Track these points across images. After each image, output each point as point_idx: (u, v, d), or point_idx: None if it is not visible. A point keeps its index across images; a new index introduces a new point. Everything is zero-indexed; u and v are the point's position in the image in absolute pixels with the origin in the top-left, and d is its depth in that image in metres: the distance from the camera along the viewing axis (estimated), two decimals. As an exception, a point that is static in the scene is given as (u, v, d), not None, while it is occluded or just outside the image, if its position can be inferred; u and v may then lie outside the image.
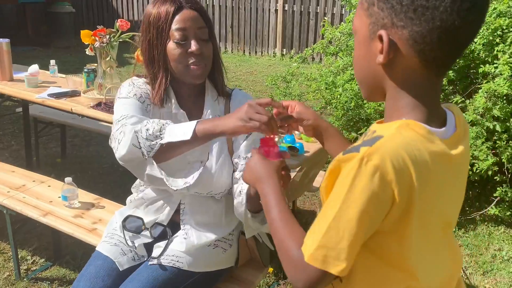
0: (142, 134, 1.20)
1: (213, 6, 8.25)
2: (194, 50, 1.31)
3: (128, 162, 1.27)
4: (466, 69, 3.12)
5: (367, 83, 0.82)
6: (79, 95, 2.55)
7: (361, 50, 0.79)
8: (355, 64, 0.83)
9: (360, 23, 0.78)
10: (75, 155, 3.86)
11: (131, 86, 1.40)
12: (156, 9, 1.33)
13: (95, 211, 2.10)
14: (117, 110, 1.33)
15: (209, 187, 1.42)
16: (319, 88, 3.66)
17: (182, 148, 1.22)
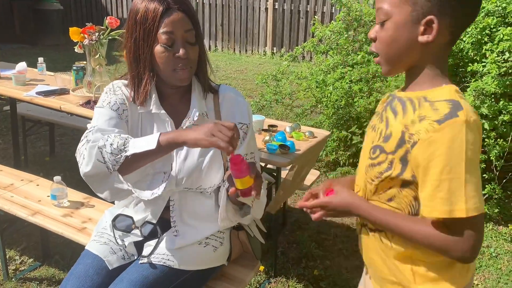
0: (107, 149, 1.25)
1: (203, 4, 8.23)
2: (181, 55, 1.31)
3: (92, 177, 1.30)
4: (455, 67, 3.15)
5: (399, 59, 0.98)
6: (68, 93, 2.52)
7: (399, 30, 0.95)
8: (388, 42, 0.97)
9: (398, 10, 0.94)
10: (64, 154, 3.82)
11: (108, 93, 1.42)
12: (143, 6, 1.31)
13: (84, 210, 2.08)
14: (92, 120, 1.39)
15: (199, 181, 1.41)
16: (310, 87, 3.67)
17: (146, 159, 1.27)
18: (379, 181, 1.00)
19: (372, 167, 1.01)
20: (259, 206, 1.42)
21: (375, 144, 1.01)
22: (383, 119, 1.03)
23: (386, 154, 0.98)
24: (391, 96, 1.08)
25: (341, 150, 3.56)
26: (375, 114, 1.13)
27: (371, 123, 1.10)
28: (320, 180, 3.49)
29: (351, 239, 2.79)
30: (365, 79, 3.30)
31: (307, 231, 2.84)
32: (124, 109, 1.39)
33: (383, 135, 1.00)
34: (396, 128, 0.97)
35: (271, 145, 2.02)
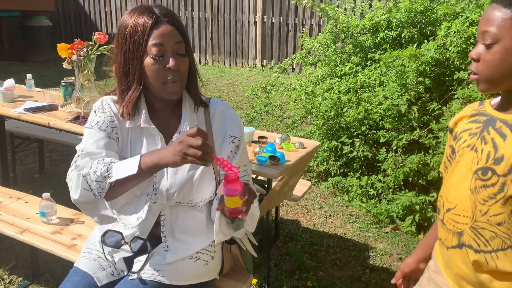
0: (91, 177, 1.26)
1: (192, 18, 8.28)
2: (172, 66, 1.30)
3: (81, 204, 1.31)
4: (442, 76, 3.20)
5: (502, 80, 1.02)
6: (56, 109, 2.51)
7: (507, 55, 0.99)
8: (493, 65, 1.01)
9: (508, 35, 0.98)
10: (54, 170, 3.79)
11: (97, 111, 1.41)
12: (132, 21, 1.31)
13: (74, 227, 2.06)
14: (82, 141, 1.40)
15: (190, 195, 1.40)
16: (299, 98, 3.69)
17: (131, 183, 1.27)
18: (493, 202, 1.03)
19: (485, 188, 1.04)
20: (252, 219, 1.41)
21: (485, 166, 1.04)
22: (487, 140, 1.06)
23: (498, 176, 1.01)
24: (484, 116, 1.11)
25: (331, 160, 3.57)
26: (459, 130, 1.16)
27: (463, 142, 1.13)
28: (311, 191, 3.50)
29: (343, 249, 2.79)
30: (353, 89, 3.33)
31: (299, 242, 2.84)
32: (114, 127, 1.38)
33: (492, 157, 1.03)
34: (508, 151, 1.00)
35: (261, 157, 2.02)
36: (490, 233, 1.06)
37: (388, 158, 3.06)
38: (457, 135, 1.17)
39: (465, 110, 1.21)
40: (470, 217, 1.09)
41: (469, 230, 1.09)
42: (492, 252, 1.06)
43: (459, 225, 1.12)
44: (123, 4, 8.73)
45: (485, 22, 1.01)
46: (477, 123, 1.12)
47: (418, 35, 3.39)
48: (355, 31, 3.70)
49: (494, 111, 1.09)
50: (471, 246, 1.10)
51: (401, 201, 2.92)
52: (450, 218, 1.14)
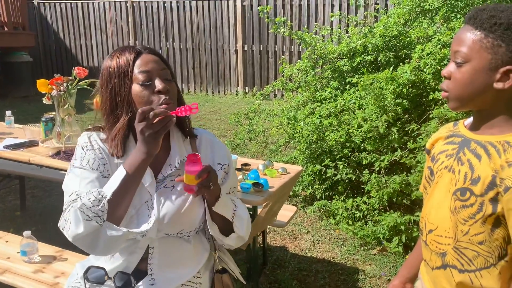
0: (87, 206, 1.22)
1: (173, 49, 8.38)
2: (161, 89, 1.30)
3: (85, 237, 1.25)
4: (419, 97, 3.28)
5: (470, 98, 1.05)
6: (37, 145, 2.49)
7: (476, 75, 1.02)
8: (462, 84, 1.04)
9: (478, 55, 1.01)
10: (36, 207, 3.72)
11: (85, 148, 1.38)
12: (115, 60, 1.33)
13: (57, 264, 2.02)
14: (69, 183, 1.35)
15: (181, 226, 1.39)
16: (282, 123, 3.73)
17: (126, 192, 1.26)
18: (472, 222, 1.05)
19: (465, 208, 1.06)
20: (240, 222, 1.41)
21: (463, 186, 1.06)
22: (463, 161, 1.08)
23: (476, 196, 1.03)
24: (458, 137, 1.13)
25: (316, 184, 3.58)
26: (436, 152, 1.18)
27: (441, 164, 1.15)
28: (298, 216, 3.49)
29: (332, 274, 2.77)
30: (334, 113, 3.39)
31: (288, 269, 2.81)
32: (105, 164, 1.36)
33: (469, 178, 1.05)
34: (484, 172, 1.02)
35: (244, 184, 2.03)
36: (473, 253, 1.07)
37: (372, 179, 3.09)
38: (435, 157, 1.19)
39: (440, 131, 1.23)
40: (452, 237, 1.10)
41: (452, 250, 1.10)
42: (476, 271, 1.07)
43: (442, 245, 1.13)
44: (104, 37, 8.81)
45: (457, 42, 1.04)
46: (453, 144, 1.14)
47: (394, 58, 3.49)
48: (332, 57, 3.79)
49: (468, 132, 1.12)
50: (455, 266, 1.10)
51: (387, 222, 2.93)
52: (432, 240, 1.15)
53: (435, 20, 3.42)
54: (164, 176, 1.40)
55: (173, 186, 1.40)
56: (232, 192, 1.50)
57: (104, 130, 1.41)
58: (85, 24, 8.88)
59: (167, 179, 1.40)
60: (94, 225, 1.22)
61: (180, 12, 8.15)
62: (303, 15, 7.34)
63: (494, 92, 1.02)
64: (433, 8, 3.51)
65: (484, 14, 1.00)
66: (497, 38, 0.98)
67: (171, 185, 1.40)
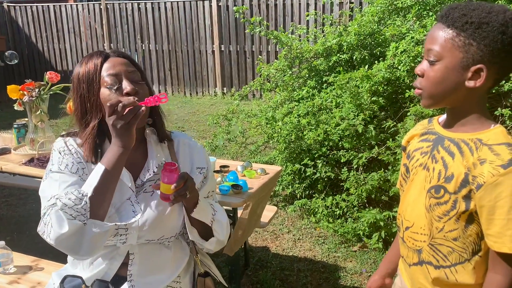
0: (69, 205, 1.19)
1: (149, 50, 8.29)
2: (130, 90, 1.28)
3: (69, 238, 1.21)
4: (394, 95, 3.32)
5: (442, 96, 1.05)
6: (9, 152, 2.43)
7: (448, 73, 1.02)
8: (435, 82, 1.04)
9: (449, 54, 1.01)
10: (11, 216, 3.62)
11: (63, 153, 1.35)
12: (84, 66, 1.33)
13: (33, 275, 1.97)
14: (47, 189, 1.31)
15: (161, 232, 1.38)
16: (260, 124, 3.73)
17: (107, 187, 1.24)
18: (447, 219, 1.06)
19: (439, 206, 1.07)
20: (220, 227, 1.41)
21: (437, 184, 1.07)
22: (437, 159, 1.09)
23: (449, 194, 1.05)
24: (433, 134, 1.14)
25: (296, 183, 3.60)
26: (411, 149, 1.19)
27: (416, 161, 1.15)
28: (279, 215, 3.50)
29: (314, 272, 2.78)
30: (312, 112, 3.40)
31: (270, 269, 2.81)
32: (83, 168, 1.34)
33: (443, 175, 1.06)
34: (457, 169, 1.04)
35: (223, 186, 2.02)
36: (447, 249, 1.09)
37: (350, 177, 3.12)
38: (410, 154, 1.20)
39: (415, 128, 1.24)
40: (428, 234, 1.11)
41: (427, 247, 1.12)
42: (451, 267, 1.09)
43: (418, 242, 1.14)
44: (78, 40, 8.65)
45: (430, 40, 1.05)
46: (427, 142, 1.15)
47: (369, 56, 3.53)
48: (308, 56, 3.81)
49: (441, 129, 1.13)
50: (430, 262, 1.12)
51: (366, 219, 2.96)
52: (409, 236, 1.17)
53: (408, 17, 3.48)
54: (143, 181, 1.38)
55: (153, 191, 1.38)
56: (211, 196, 1.49)
57: (78, 135, 1.39)
58: (58, 28, 8.70)
59: (146, 184, 1.39)
60: (78, 224, 1.19)
61: (155, 13, 8.07)
62: (279, 15, 7.36)
63: (465, 90, 1.03)
64: (406, 6, 3.56)
65: (456, 12, 1.01)
66: (469, 37, 0.99)
67: (151, 190, 1.38)
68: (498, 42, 0.97)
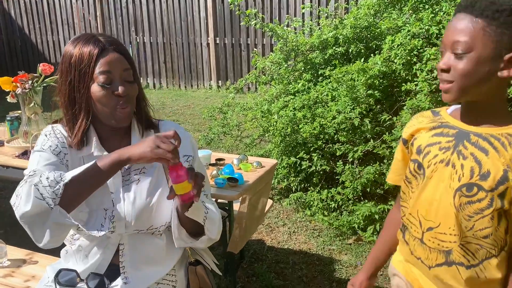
0: (43, 184, 1.15)
1: (144, 43, 8.22)
2: (121, 93, 1.29)
3: (31, 217, 1.17)
4: (390, 88, 3.32)
5: (473, 90, 1.02)
6: (2, 145, 2.40)
7: (480, 64, 0.99)
8: (467, 74, 1.00)
9: (481, 44, 0.98)
10: (4, 209, 3.59)
11: (48, 135, 1.36)
12: (77, 50, 1.30)
13: (27, 268, 1.95)
14: (29, 164, 1.32)
15: (150, 221, 1.37)
16: (256, 117, 3.71)
17: (87, 186, 1.20)
18: (479, 217, 1.03)
19: (471, 204, 1.03)
20: (212, 224, 1.36)
21: (469, 181, 1.03)
22: (466, 155, 1.04)
23: (485, 192, 1.01)
24: (451, 128, 1.09)
25: (292, 176, 3.59)
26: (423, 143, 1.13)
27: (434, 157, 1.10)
28: (274, 209, 3.50)
29: (309, 265, 2.79)
30: (307, 105, 3.39)
31: (265, 262, 2.82)
32: (66, 153, 1.34)
33: (477, 173, 1.02)
34: (494, 166, 1.00)
35: (219, 179, 2.01)
36: (475, 246, 1.06)
37: (346, 170, 3.12)
38: (422, 149, 1.13)
39: (419, 121, 1.18)
40: (458, 234, 1.07)
41: (458, 247, 1.08)
42: (479, 264, 1.06)
43: (446, 243, 1.09)
44: (72, 32, 8.56)
45: (456, 31, 1.00)
46: (446, 137, 1.09)
47: (365, 49, 3.52)
48: (304, 49, 3.79)
49: (460, 123, 1.08)
50: (462, 263, 1.08)
51: (361, 212, 2.97)
52: (432, 237, 1.11)
53: (404, 11, 3.46)
54: (128, 168, 1.37)
55: (139, 180, 1.38)
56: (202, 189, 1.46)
57: (63, 121, 1.38)
58: (51, 19, 8.60)
59: (131, 173, 1.38)
60: (44, 205, 1.14)
61: (149, 5, 7.99)
62: (275, 8, 7.32)
63: (497, 81, 1.01)
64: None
65: (484, 1, 0.98)
66: (500, 25, 0.96)
67: (137, 179, 1.38)
68: None
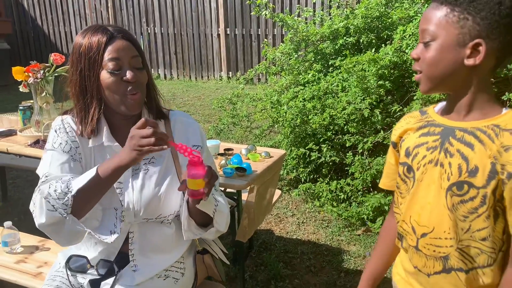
0: (52, 196, 1.22)
1: (155, 34, 8.24)
2: (130, 79, 1.30)
3: (48, 227, 1.27)
4: (401, 78, 3.29)
5: (441, 79, 0.99)
6: (15, 134, 2.44)
7: (444, 52, 0.97)
8: (432, 63, 0.98)
9: (444, 32, 0.96)
10: (18, 197, 3.66)
11: (58, 131, 1.38)
12: (86, 40, 1.31)
13: (39, 254, 2.00)
14: (41, 165, 1.36)
15: (158, 210, 1.39)
16: (265, 108, 3.71)
17: (94, 193, 1.25)
18: (474, 217, 0.98)
19: (464, 204, 0.98)
20: (221, 217, 1.37)
21: (458, 180, 0.98)
22: (453, 152, 0.99)
23: (477, 189, 0.96)
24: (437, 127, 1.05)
25: (301, 167, 3.60)
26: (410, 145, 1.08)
27: (422, 158, 1.05)
28: (283, 199, 3.51)
29: (317, 255, 2.80)
30: (317, 96, 3.38)
31: (274, 251, 2.83)
32: (77, 147, 1.36)
33: (464, 170, 0.97)
34: (481, 161, 0.95)
35: (227, 169, 2.02)
36: (475, 250, 1.00)
37: (355, 161, 3.11)
38: (410, 151, 1.08)
39: (406, 122, 1.13)
40: (454, 238, 1.01)
41: (456, 252, 1.01)
42: (478, 269, 1.01)
43: (442, 249, 1.03)
44: (83, 23, 8.61)
45: (424, 20, 0.99)
46: (433, 135, 1.05)
47: (376, 39, 3.49)
48: (315, 39, 3.77)
49: (445, 119, 1.04)
50: (461, 268, 1.02)
51: (371, 203, 2.97)
52: (427, 243, 1.05)
53: (416, 0, 3.42)
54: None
55: (148, 169, 1.39)
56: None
57: (74, 112, 1.39)
58: (63, 10, 8.66)
59: (141, 162, 1.40)
60: (57, 216, 1.22)
61: (160, -4, 8.00)
62: (286, -2, 7.27)
63: (466, 70, 0.97)
64: (414, -11, 3.50)
65: None
66: (463, 11, 0.93)
67: (146, 169, 1.39)
68: (495, 13, 0.91)
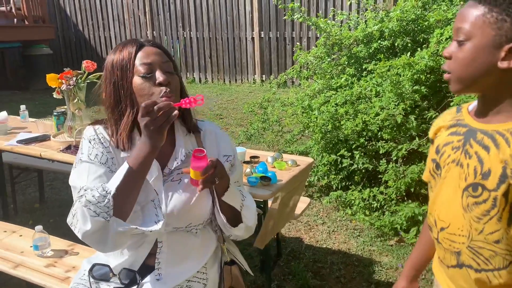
0: (92, 202, 1.21)
1: (190, 38, 8.35)
2: (162, 81, 1.29)
3: (94, 234, 1.24)
4: (438, 83, 3.16)
5: (473, 80, 0.97)
6: (49, 139, 2.51)
7: (478, 53, 0.94)
8: (464, 63, 0.96)
9: (480, 32, 0.93)
10: (55, 199, 3.78)
11: (93, 141, 1.37)
12: (118, 53, 1.34)
13: (68, 259, 2.03)
14: (77, 177, 1.33)
15: (189, 219, 1.38)
16: (296, 113, 3.66)
17: (132, 188, 1.24)
18: (487, 219, 0.98)
19: (478, 205, 0.99)
20: (248, 211, 1.41)
21: (474, 181, 0.99)
22: (471, 154, 1.00)
23: (488, 191, 0.97)
24: (463, 127, 1.05)
25: (332, 174, 3.52)
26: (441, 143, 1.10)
27: (448, 157, 1.07)
28: (314, 206, 3.44)
29: (348, 266, 2.72)
30: (350, 101, 3.30)
31: (303, 260, 2.78)
32: (112, 158, 1.36)
33: (479, 172, 0.98)
34: (494, 164, 0.95)
35: (251, 178, 1.99)
36: (489, 252, 1.00)
37: (389, 169, 3.01)
38: (439, 149, 1.10)
39: (443, 119, 1.15)
40: (466, 236, 1.03)
41: (467, 249, 1.03)
42: (495, 271, 1.01)
43: (456, 244, 1.06)
44: (122, 28, 8.84)
45: (460, 18, 0.97)
46: (458, 136, 1.06)
47: (412, 43, 3.37)
48: (348, 43, 3.68)
49: (472, 120, 1.04)
50: (471, 266, 1.04)
51: (404, 212, 2.86)
52: (445, 238, 1.09)
53: (454, 2, 3.28)
54: (171, 169, 1.39)
55: (180, 180, 1.38)
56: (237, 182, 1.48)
57: (107, 123, 1.39)
58: (103, 16, 8.93)
59: (173, 172, 1.39)
60: (101, 221, 1.21)
61: (196, 1, 8.09)
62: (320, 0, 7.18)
63: (498, 73, 0.94)
64: (453, -11, 3.37)
65: None
66: (502, 12, 0.90)
67: (178, 179, 1.39)
68: None
